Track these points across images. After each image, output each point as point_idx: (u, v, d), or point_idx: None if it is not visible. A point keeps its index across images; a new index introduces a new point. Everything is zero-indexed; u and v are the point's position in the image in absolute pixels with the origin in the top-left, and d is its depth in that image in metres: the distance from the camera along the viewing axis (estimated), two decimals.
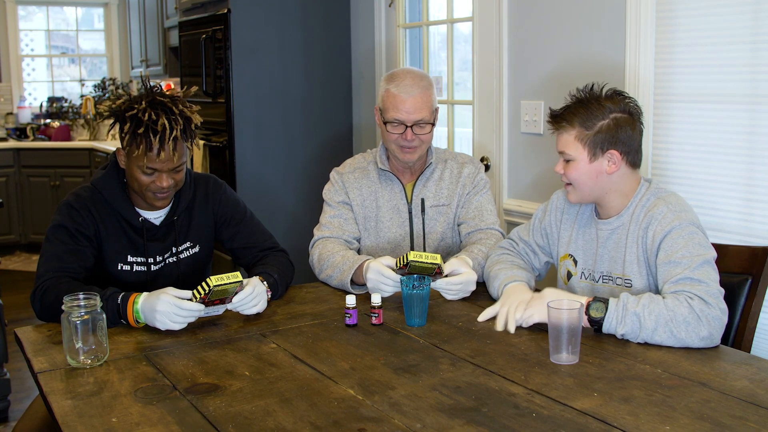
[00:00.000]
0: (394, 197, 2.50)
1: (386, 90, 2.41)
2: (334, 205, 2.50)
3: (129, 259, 2.23)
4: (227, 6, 4.13)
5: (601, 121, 1.97)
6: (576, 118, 1.99)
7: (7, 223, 6.80)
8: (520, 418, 1.45)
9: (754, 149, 2.39)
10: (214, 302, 1.98)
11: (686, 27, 2.54)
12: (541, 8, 3.10)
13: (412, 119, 2.36)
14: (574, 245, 2.15)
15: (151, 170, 2.12)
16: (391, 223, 2.49)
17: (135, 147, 2.09)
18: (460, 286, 2.17)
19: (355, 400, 1.54)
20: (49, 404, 1.57)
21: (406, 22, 4.06)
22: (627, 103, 2.01)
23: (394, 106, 2.37)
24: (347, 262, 2.28)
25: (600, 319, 1.84)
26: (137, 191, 2.18)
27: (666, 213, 1.94)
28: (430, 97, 2.39)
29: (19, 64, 7.45)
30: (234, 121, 4.17)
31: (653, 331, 1.78)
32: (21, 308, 4.85)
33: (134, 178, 2.15)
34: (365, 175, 2.52)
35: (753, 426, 1.40)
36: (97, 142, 6.93)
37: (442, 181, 2.51)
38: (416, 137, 2.38)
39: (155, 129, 2.06)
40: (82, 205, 2.18)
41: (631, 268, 2.00)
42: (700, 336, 1.77)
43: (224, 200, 2.37)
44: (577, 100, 2.03)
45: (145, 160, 2.09)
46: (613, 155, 1.98)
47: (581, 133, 1.99)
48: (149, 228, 2.25)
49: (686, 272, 1.84)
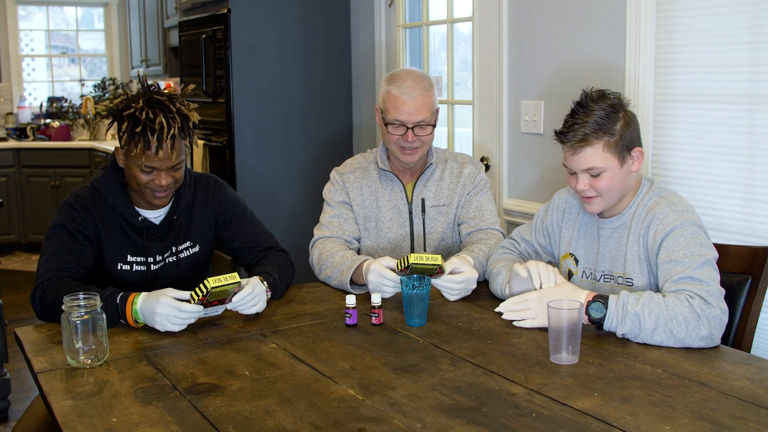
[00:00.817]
0: (394, 197, 2.50)
1: (387, 91, 2.40)
2: (334, 205, 2.50)
3: (129, 258, 2.23)
4: (227, 6, 4.13)
5: (616, 123, 1.96)
6: (594, 131, 1.94)
7: (7, 223, 6.80)
8: (520, 418, 1.45)
9: (754, 149, 2.39)
10: (213, 303, 1.98)
11: (686, 27, 2.54)
12: (541, 8, 3.10)
13: (413, 120, 2.36)
14: (576, 244, 2.15)
15: (150, 169, 2.12)
16: (392, 223, 2.49)
17: (133, 146, 2.09)
18: (462, 285, 2.16)
19: (355, 400, 1.54)
20: (49, 404, 1.57)
21: (406, 22, 4.06)
22: (615, 97, 2.00)
23: (395, 108, 2.37)
24: (346, 263, 2.28)
25: (600, 320, 1.84)
26: (136, 190, 2.18)
27: (668, 212, 1.94)
28: (431, 98, 2.39)
29: (19, 64, 7.45)
30: (234, 121, 4.17)
31: (653, 331, 1.78)
32: (21, 308, 4.85)
33: (133, 176, 2.15)
34: (365, 175, 2.52)
35: (753, 426, 1.40)
36: (97, 142, 6.93)
37: (443, 181, 2.51)
38: (417, 138, 2.38)
39: (153, 127, 2.06)
40: (81, 205, 2.18)
41: (632, 267, 2.00)
42: (700, 335, 1.77)
43: (224, 200, 2.37)
44: (580, 114, 1.97)
45: (144, 158, 2.09)
46: (637, 151, 1.99)
47: (607, 142, 1.95)
48: (149, 227, 2.25)
49: (687, 271, 1.84)
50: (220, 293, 1.95)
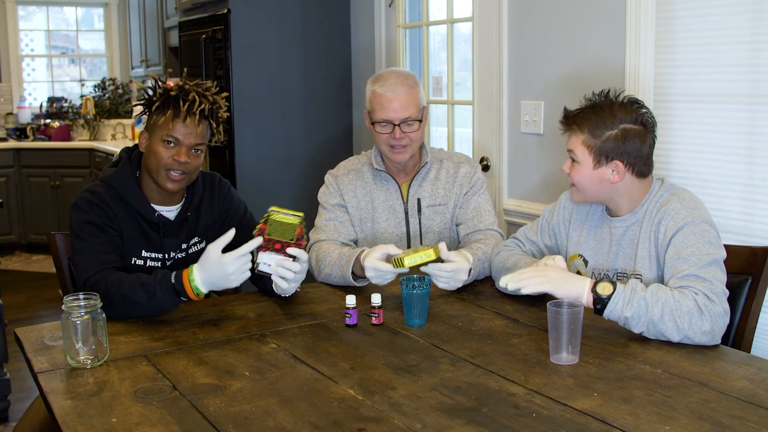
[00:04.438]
0: (389, 197, 2.50)
1: (372, 91, 2.42)
2: (330, 207, 2.51)
3: (143, 254, 2.24)
4: (227, 6, 4.13)
5: (610, 130, 1.96)
6: (586, 123, 1.98)
7: (7, 223, 6.80)
8: (520, 418, 1.45)
9: (754, 149, 2.40)
10: (275, 246, 1.99)
11: (686, 27, 2.54)
12: (541, 8, 3.10)
13: (399, 117, 2.37)
14: (585, 245, 2.15)
15: (173, 140, 2.14)
16: (388, 223, 2.49)
17: (161, 114, 2.14)
18: (451, 273, 2.14)
19: (355, 400, 1.54)
20: (49, 404, 1.57)
21: (406, 22, 4.06)
22: (642, 114, 1.99)
23: (381, 106, 2.38)
24: (344, 257, 2.29)
25: (606, 298, 1.81)
26: (154, 170, 2.18)
27: (679, 209, 1.94)
28: (416, 94, 2.40)
29: (19, 64, 7.45)
30: (234, 121, 4.17)
31: (659, 318, 1.77)
32: (21, 308, 4.86)
33: (153, 153, 2.16)
34: (359, 177, 2.53)
35: (753, 426, 1.40)
36: (97, 142, 6.93)
37: (438, 180, 2.51)
38: (405, 135, 2.38)
39: (185, 98, 2.13)
40: (99, 199, 2.18)
41: (642, 263, 2.00)
42: (702, 330, 1.77)
43: (229, 197, 2.40)
44: (591, 104, 2.01)
45: (171, 126, 2.13)
46: (617, 166, 1.97)
47: (588, 139, 1.98)
48: (165, 223, 2.25)
49: (693, 269, 1.84)
50: (281, 227, 1.96)
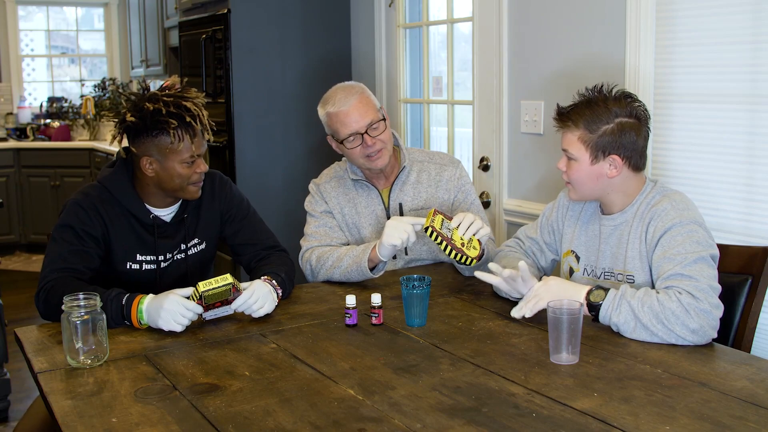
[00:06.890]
0: (371, 203, 2.51)
1: (327, 114, 2.40)
2: (317, 215, 2.51)
3: (138, 257, 2.23)
4: (227, 6, 4.13)
5: (606, 125, 1.97)
6: (581, 119, 1.99)
7: (7, 223, 6.81)
8: (520, 418, 1.45)
9: (754, 149, 2.40)
10: (215, 305, 1.98)
11: (686, 27, 2.54)
12: (541, 8, 3.10)
13: (363, 125, 2.36)
14: (577, 241, 2.16)
15: (193, 159, 2.16)
16: (372, 229, 2.50)
17: (178, 141, 2.12)
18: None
19: (355, 400, 1.54)
20: (49, 404, 1.57)
21: (406, 22, 4.06)
22: (635, 107, 1.99)
23: (342, 123, 2.37)
24: (356, 249, 2.31)
25: (598, 305, 1.86)
26: (177, 189, 2.18)
27: (669, 210, 1.94)
28: (368, 99, 2.40)
29: (19, 64, 7.45)
30: (234, 121, 4.17)
31: (649, 322, 1.79)
32: (21, 308, 4.86)
33: (175, 175, 2.16)
34: (342, 184, 2.53)
35: (753, 426, 1.40)
36: (97, 142, 6.93)
37: (420, 184, 2.52)
38: (376, 140, 2.38)
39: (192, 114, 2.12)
40: (90, 204, 2.17)
41: (633, 264, 2.00)
42: (691, 328, 1.77)
43: (230, 196, 2.38)
44: (584, 100, 2.02)
45: (192, 148, 2.14)
46: (614, 160, 1.98)
47: (585, 135, 1.98)
48: (160, 225, 2.24)
49: (677, 268, 1.85)
50: (216, 295, 1.95)
